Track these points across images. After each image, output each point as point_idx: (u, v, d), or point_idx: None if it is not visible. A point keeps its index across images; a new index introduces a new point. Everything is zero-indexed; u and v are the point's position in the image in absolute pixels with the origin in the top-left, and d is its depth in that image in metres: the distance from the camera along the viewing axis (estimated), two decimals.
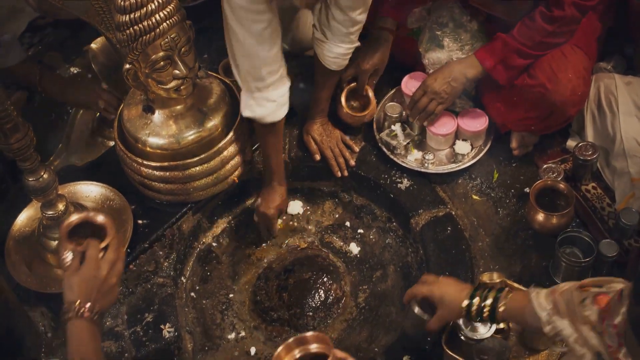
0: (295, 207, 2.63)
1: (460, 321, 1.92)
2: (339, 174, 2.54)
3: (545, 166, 2.36)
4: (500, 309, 1.77)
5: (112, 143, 2.74)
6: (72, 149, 2.81)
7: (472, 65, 2.42)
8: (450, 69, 2.44)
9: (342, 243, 2.54)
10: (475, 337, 1.90)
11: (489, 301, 1.78)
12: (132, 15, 1.95)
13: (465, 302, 1.81)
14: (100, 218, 1.63)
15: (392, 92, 2.68)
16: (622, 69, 2.62)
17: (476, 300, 1.80)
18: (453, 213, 2.40)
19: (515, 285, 2.07)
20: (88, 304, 1.56)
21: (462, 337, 1.92)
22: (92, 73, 2.70)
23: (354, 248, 2.52)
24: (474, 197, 2.47)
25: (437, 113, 2.48)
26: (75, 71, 3.00)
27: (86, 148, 2.80)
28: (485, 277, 2.07)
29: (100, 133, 2.83)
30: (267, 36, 2.15)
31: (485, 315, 1.79)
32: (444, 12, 2.55)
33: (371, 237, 2.54)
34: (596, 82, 2.46)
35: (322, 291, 2.38)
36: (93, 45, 2.46)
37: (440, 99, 2.45)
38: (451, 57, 2.48)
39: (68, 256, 1.60)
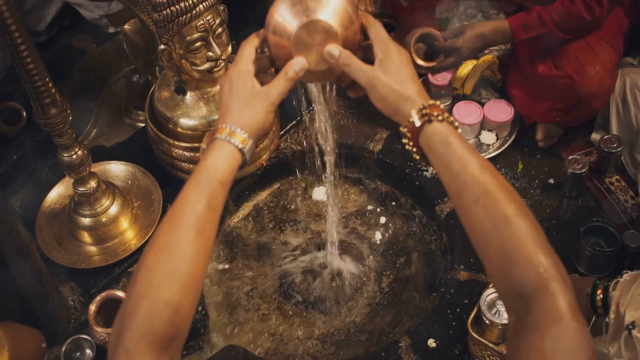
0: (320, 193, 2.65)
1: (485, 305, 1.94)
2: None
3: (570, 157, 2.37)
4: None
5: (140, 125, 2.79)
6: (100, 130, 2.85)
7: (503, 34, 2.40)
8: (482, 33, 2.40)
9: (366, 229, 2.56)
10: (501, 322, 1.92)
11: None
12: None
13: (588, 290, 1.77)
14: None
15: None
16: None
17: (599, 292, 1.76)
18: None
19: None
20: (240, 131, 1.24)
21: (487, 321, 1.94)
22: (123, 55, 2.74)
23: (378, 234, 2.54)
24: None
25: (447, 67, 2.47)
26: None
27: (114, 129, 2.83)
28: None
29: (128, 115, 2.86)
30: None
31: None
32: (472, 3, 2.59)
33: (395, 224, 2.56)
34: (622, 77, 2.47)
35: (346, 275, 2.41)
36: (126, 27, 2.49)
37: (462, 59, 2.45)
38: None
39: None
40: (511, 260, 1.08)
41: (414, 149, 1.21)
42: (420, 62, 2.45)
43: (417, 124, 1.17)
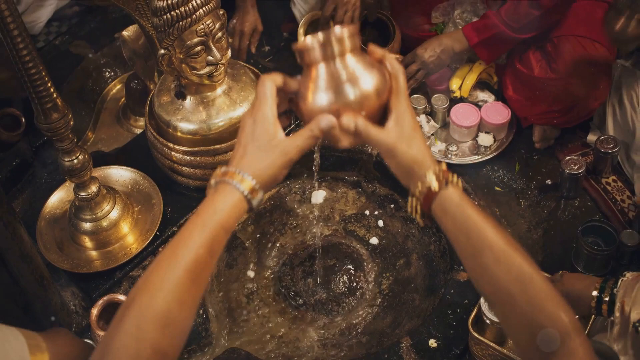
0: (319, 196, 2.66)
1: (485, 305, 1.96)
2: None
3: (567, 158, 2.39)
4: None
5: (138, 131, 2.80)
6: (99, 136, 2.86)
7: (459, 40, 2.54)
8: (440, 41, 2.56)
9: (365, 231, 2.58)
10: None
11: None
12: (169, 1, 2.00)
13: (595, 293, 1.76)
14: None
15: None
16: None
17: (606, 294, 1.75)
18: (476, 203, 2.44)
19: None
20: (250, 179, 1.25)
21: (488, 321, 1.96)
22: (121, 61, 2.75)
23: (377, 236, 2.55)
24: (496, 188, 2.51)
25: (418, 79, 2.61)
26: None
27: (113, 135, 2.85)
28: None
29: (126, 120, 2.88)
30: None
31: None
32: (467, 7, 2.62)
33: (394, 226, 2.57)
34: (617, 78, 2.50)
35: (346, 277, 2.42)
36: (125, 33, 2.50)
37: (426, 68, 2.58)
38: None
39: None
40: (537, 319, 1.12)
41: (423, 212, 1.22)
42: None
43: (435, 188, 1.19)
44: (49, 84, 1.90)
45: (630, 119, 2.43)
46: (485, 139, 2.57)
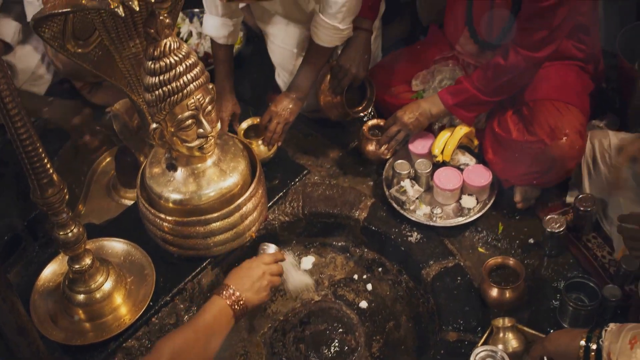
0: (307, 262, 2.71)
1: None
2: (266, 147, 2.80)
3: (548, 217, 2.47)
4: None
5: (128, 202, 2.85)
6: (90, 208, 2.90)
7: (436, 104, 2.67)
8: (419, 105, 2.70)
9: (354, 295, 2.62)
10: None
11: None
12: (161, 77, 2.07)
13: (582, 343, 1.81)
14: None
15: (400, 150, 2.84)
16: (614, 126, 2.77)
17: (593, 343, 1.79)
18: (462, 264, 2.50)
19: (526, 329, 2.18)
20: (237, 293, 2.03)
21: None
22: (112, 134, 2.82)
23: (366, 300, 2.59)
24: (480, 249, 2.57)
25: (399, 140, 2.75)
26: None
27: (103, 207, 2.89)
28: (497, 322, 2.19)
29: (116, 193, 2.93)
30: None
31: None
32: (447, 75, 2.73)
33: (383, 289, 2.62)
34: (591, 139, 2.59)
35: (337, 342, 2.45)
36: (116, 107, 2.58)
37: (406, 130, 2.71)
38: (456, 118, 2.65)
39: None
40: None
41: None
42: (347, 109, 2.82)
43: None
44: (46, 160, 1.95)
45: (605, 177, 2.52)
46: (469, 201, 2.64)
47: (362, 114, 2.91)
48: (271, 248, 2.33)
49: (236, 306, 2.02)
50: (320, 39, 2.70)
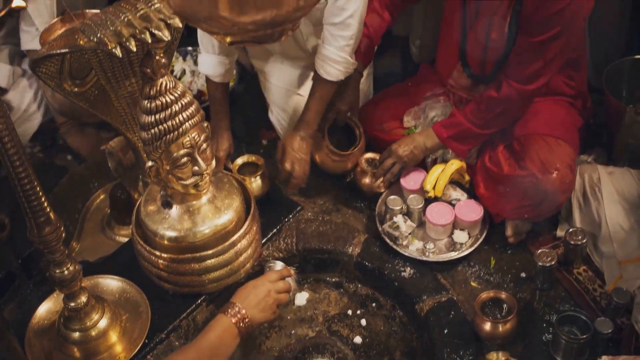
0: (302, 298, 2.72)
1: None
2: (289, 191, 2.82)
3: (539, 251, 2.49)
4: None
5: (122, 239, 2.86)
6: (84, 245, 2.91)
7: (430, 137, 2.73)
8: (413, 138, 2.75)
9: (349, 331, 2.62)
10: None
11: None
12: (157, 116, 2.10)
13: None
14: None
15: (393, 186, 2.88)
16: (603, 160, 2.82)
17: None
18: (455, 298, 2.52)
19: None
20: (243, 310, 2.07)
21: None
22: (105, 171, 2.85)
23: (361, 335, 2.60)
24: (473, 283, 2.59)
25: (394, 173, 2.79)
26: None
27: (97, 244, 2.90)
28: (491, 357, 2.21)
29: (110, 230, 2.94)
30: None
31: None
32: (438, 111, 2.78)
33: (377, 324, 2.63)
34: (581, 173, 2.64)
35: None
36: (111, 144, 2.60)
37: (402, 162, 2.76)
38: (446, 150, 2.69)
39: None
40: None
41: None
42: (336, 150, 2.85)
43: None
44: (43, 199, 1.97)
45: (595, 211, 2.56)
46: (461, 236, 2.67)
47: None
48: (278, 265, 2.37)
49: (241, 324, 2.06)
50: (328, 73, 2.69)
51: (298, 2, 1.20)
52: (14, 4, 1.70)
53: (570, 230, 2.55)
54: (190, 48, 3.54)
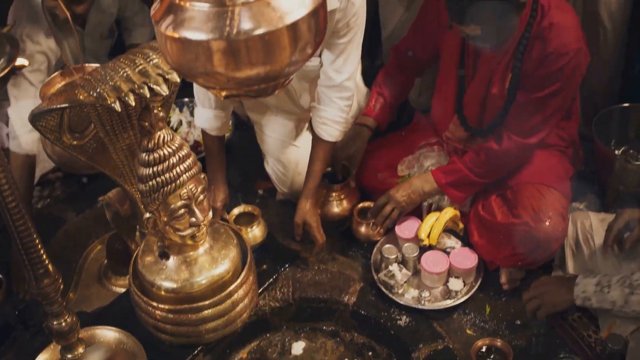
0: (298, 347, 2.72)
1: None
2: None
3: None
4: None
5: (119, 290, 2.87)
6: (80, 296, 2.92)
7: (428, 181, 2.76)
8: (411, 183, 2.78)
9: None
10: None
11: None
12: (155, 169, 2.13)
13: None
14: None
15: (388, 235, 2.90)
16: (595, 207, 2.86)
17: None
18: (450, 347, 2.53)
19: None
20: None
21: None
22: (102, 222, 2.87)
23: None
24: (468, 331, 2.60)
25: (393, 218, 2.80)
26: None
27: (94, 295, 2.91)
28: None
29: (107, 280, 2.95)
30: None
31: None
32: (433, 160, 2.82)
33: None
34: (573, 220, 2.67)
35: None
36: (109, 195, 2.63)
37: (400, 207, 2.77)
38: (442, 197, 2.73)
39: None
40: None
41: None
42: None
43: None
44: (42, 252, 1.99)
45: (589, 259, 2.59)
46: (456, 284, 2.69)
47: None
48: None
49: None
50: (329, 134, 2.72)
51: (291, 57, 1.24)
52: (17, 63, 1.74)
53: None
54: (186, 99, 3.58)
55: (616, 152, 2.77)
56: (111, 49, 3.46)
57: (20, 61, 1.75)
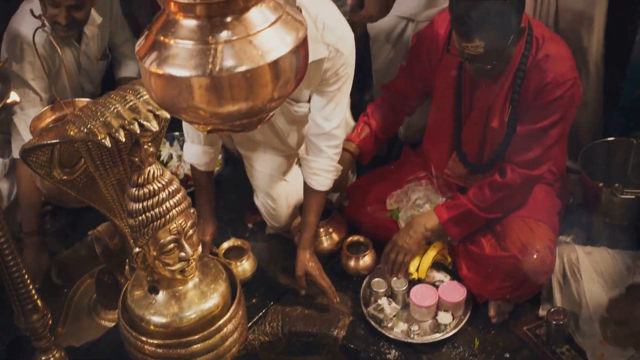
0: None
1: None
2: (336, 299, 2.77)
3: (522, 331, 2.52)
4: None
5: (108, 324, 2.86)
6: (69, 330, 2.91)
7: (431, 218, 2.74)
8: (412, 223, 2.76)
9: None
10: None
11: None
12: (145, 203, 2.14)
13: None
14: None
15: (376, 269, 2.92)
16: (582, 240, 2.88)
17: None
18: None
19: None
20: None
21: None
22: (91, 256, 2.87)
23: None
24: None
25: (407, 262, 2.75)
26: None
27: (83, 329, 2.90)
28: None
29: (96, 314, 2.94)
30: None
31: None
32: (420, 194, 2.84)
33: None
34: (560, 254, 2.69)
35: None
36: (99, 229, 2.64)
37: (405, 251, 2.74)
38: None
39: None
40: None
41: None
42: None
43: None
44: (30, 287, 2.00)
45: (576, 291, 2.61)
46: (445, 317, 2.69)
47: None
48: None
49: None
50: (321, 184, 2.72)
51: (272, 94, 1.27)
52: (8, 100, 1.76)
53: (552, 310, 2.59)
54: (177, 133, 3.61)
55: (602, 185, 2.79)
56: (105, 73, 3.50)
57: (12, 97, 1.78)
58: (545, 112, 2.50)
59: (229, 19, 1.23)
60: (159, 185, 2.14)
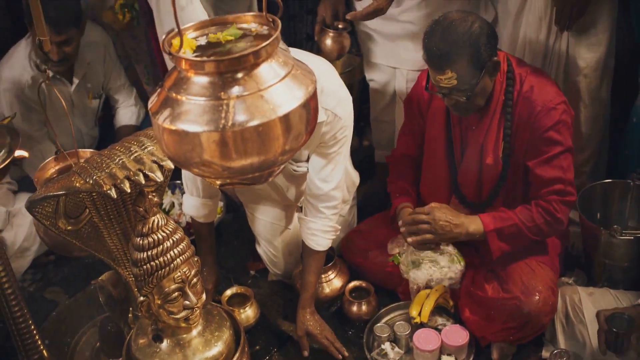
0: None
1: None
2: (341, 355, 2.74)
3: None
4: None
5: None
6: None
7: (475, 222, 2.66)
8: (459, 215, 2.68)
9: None
10: None
11: None
12: (149, 253, 2.16)
13: None
14: None
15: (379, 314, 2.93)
16: (583, 282, 2.90)
17: None
18: None
19: None
20: None
21: None
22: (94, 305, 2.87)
23: None
24: None
25: (423, 240, 2.68)
26: None
27: None
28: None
29: (103, 356, 2.94)
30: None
31: None
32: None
33: None
34: (562, 295, 2.71)
35: None
36: (103, 278, 2.64)
37: (435, 231, 2.65)
38: (431, 277, 2.75)
39: None
40: None
41: None
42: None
43: None
44: (37, 337, 2.01)
45: (579, 332, 2.62)
46: None
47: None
48: None
49: None
50: (320, 244, 2.73)
51: (284, 147, 1.30)
52: (16, 154, 1.79)
53: (555, 351, 2.58)
54: (179, 182, 3.62)
55: (601, 227, 2.82)
56: (99, 117, 3.56)
57: (19, 153, 1.81)
58: (548, 141, 2.54)
59: (240, 75, 1.26)
60: (163, 234, 2.16)
